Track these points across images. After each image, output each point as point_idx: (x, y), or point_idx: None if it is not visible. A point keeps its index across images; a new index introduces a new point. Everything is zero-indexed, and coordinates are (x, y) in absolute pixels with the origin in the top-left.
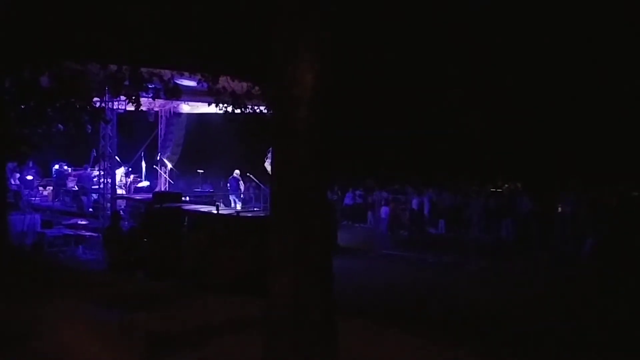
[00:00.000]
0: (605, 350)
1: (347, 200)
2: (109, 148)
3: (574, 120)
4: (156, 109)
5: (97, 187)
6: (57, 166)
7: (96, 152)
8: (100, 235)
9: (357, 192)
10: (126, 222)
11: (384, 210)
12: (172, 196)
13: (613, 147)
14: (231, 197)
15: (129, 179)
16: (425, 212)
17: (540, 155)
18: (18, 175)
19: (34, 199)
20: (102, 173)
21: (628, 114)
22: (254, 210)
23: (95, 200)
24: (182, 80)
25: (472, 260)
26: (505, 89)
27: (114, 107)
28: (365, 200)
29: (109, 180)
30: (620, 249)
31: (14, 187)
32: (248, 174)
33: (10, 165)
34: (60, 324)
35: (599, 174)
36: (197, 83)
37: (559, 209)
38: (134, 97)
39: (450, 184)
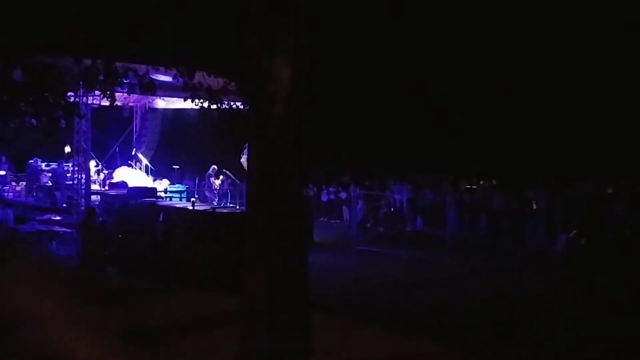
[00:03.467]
0: (573, 344)
1: (323, 197)
2: (83, 143)
3: (549, 118)
4: (131, 104)
5: (71, 182)
6: (32, 161)
7: (70, 147)
8: (74, 231)
9: (331, 189)
10: (100, 218)
11: (359, 207)
12: (147, 191)
13: (587, 144)
14: (207, 193)
15: (101, 175)
16: (403, 208)
17: (514, 152)
18: None
19: (6, 194)
20: (75, 168)
21: (602, 111)
22: (230, 207)
23: (68, 195)
24: (158, 75)
25: (446, 256)
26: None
27: (89, 102)
28: (338, 197)
29: (83, 176)
30: (592, 245)
31: None
32: (224, 170)
33: None
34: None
35: (573, 171)
36: (173, 78)
37: (534, 206)
38: (108, 92)
39: (428, 181)
